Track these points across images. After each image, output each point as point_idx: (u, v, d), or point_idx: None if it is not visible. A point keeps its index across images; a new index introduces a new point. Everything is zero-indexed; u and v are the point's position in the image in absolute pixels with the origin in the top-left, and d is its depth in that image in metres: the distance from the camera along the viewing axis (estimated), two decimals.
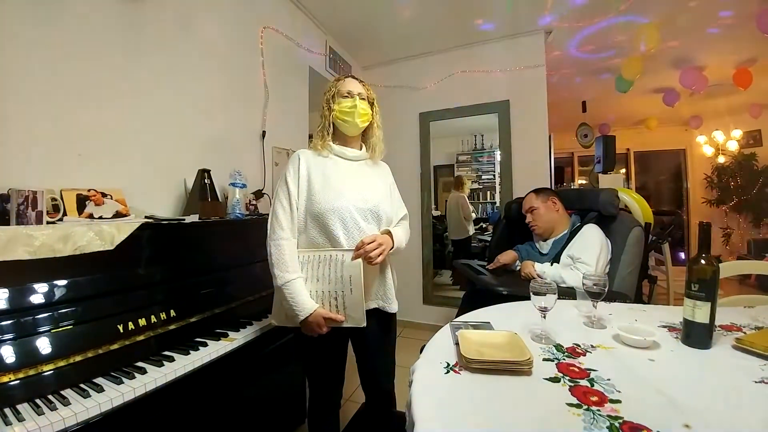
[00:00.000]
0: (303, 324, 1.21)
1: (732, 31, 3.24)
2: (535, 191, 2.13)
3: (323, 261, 1.23)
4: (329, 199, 1.26)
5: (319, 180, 1.29)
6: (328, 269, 1.23)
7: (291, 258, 1.22)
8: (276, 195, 1.30)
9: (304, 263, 1.24)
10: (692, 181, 6.48)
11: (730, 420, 0.69)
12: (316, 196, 1.26)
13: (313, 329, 1.21)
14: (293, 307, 1.19)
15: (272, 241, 1.23)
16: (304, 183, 1.29)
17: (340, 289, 1.22)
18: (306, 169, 1.30)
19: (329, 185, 1.28)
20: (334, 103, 1.36)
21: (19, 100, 1.20)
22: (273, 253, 1.22)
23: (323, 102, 1.38)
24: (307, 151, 1.36)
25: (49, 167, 1.27)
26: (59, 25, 1.31)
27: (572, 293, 1.60)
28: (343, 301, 1.23)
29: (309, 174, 1.30)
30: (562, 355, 0.96)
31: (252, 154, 2.31)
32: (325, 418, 1.42)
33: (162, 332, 1.18)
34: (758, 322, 1.20)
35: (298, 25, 2.78)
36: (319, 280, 1.23)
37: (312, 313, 1.19)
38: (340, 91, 1.37)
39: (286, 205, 1.26)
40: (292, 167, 1.31)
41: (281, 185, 1.30)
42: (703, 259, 1.01)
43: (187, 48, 1.83)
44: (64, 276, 1.02)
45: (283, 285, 1.19)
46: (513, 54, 3.31)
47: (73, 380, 0.93)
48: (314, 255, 1.24)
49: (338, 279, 1.22)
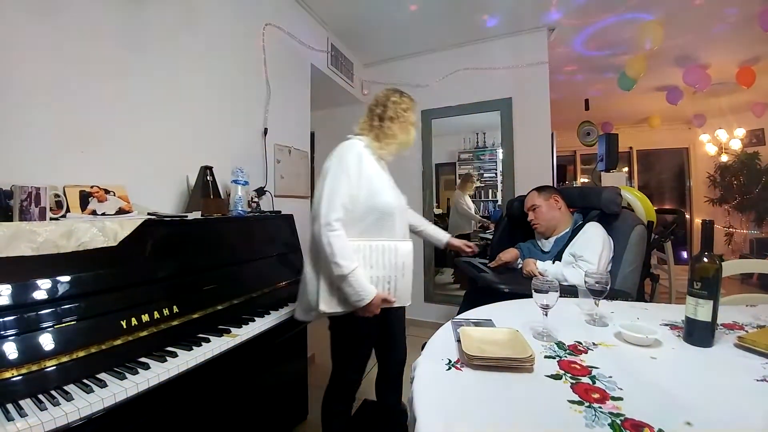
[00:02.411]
0: (365, 307, 1.31)
1: (736, 30, 3.23)
2: (537, 189, 2.13)
3: (375, 249, 1.36)
4: (394, 198, 1.43)
5: (379, 180, 1.42)
6: (382, 256, 1.37)
7: (349, 247, 1.31)
8: (332, 185, 1.33)
9: (356, 251, 1.33)
10: (695, 179, 6.46)
11: (731, 418, 0.69)
12: (382, 195, 1.39)
13: (372, 311, 1.33)
14: (358, 293, 1.29)
15: (331, 232, 1.28)
16: (365, 180, 1.37)
17: (394, 274, 1.39)
18: (367, 165, 1.39)
19: (389, 185, 1.45)
20: (406, 130, 1.50)
21: (22, 97, 1.20)
22: (334, 244, 1.27)
23: (392, 112, 1.47)
24: (366, 148, 1.44)
25: (53, 164, 1.27)
26: (62, 21, 1.31)
27: (574, 291, 1.60)
28: (395, 284, 1.39)
29: (369, 171, 1.39)
30: (564, 353, 0.96)
31: (254, 151, 2.31)
32: (347, 403, 1.52)
33: (165, 328, 1.18)
34: (760, 320, 1.20)
35: (300, 22, 2.78)
36: (372, 267, 1.36)
37: (375, 296, 1.31)
38: (412, 122, 1.53)
39: (346, 200, 1.32)
40: (355, 161, 1.37)
41: (342, 177, 1.34)
42: (705, 257, 1.01)
43: (189, 45, 1.83)
44: (67, 272, 1.02)
45: (350, 273, 1.27)
46: (516, 51, 3.30)
47: (76, 376, 0.93)
48: (365, 244, 1.36)
49: (393, 265, 1.38)
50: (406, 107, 1.51)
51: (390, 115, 1.47)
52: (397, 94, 1.52)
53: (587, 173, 7.24)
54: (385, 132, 1.46)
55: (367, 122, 1.51)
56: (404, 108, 1.50)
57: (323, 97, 3.52)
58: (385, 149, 1.47)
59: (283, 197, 2.50)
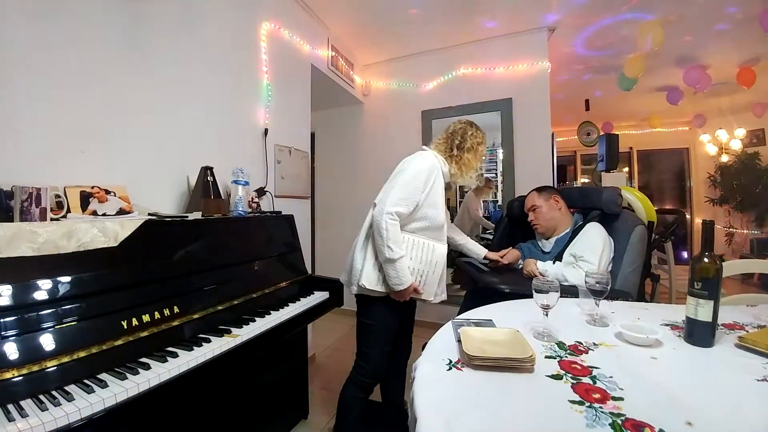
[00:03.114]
0: (399, 291, 1.48)
1: (736, 30, 3.23)
2: (537, 190, 2.13)
3: (416, 245, 1.55)
4: (444, 216, 1.60)
5: (438, 197, 1.58)
6: (421, 252, 1.55)
7: (401, 237, 1.49)
8: (403, 185, 1.51)
9: (403, 243, 1.51)
10: (695, 180, 6.46)
11: (732, 418, 0.69)
12: (436, 209, 1.56)
13: (404, 297, 1.51)
14: (400, 278, 1.45)
15: (391, 219, 1.45)
16: (429, 192, 1.54)
17: (427, 269, 1.56)
18: (435, 182, 1.57)
19: (443, 204, 1.61)
20: (478, 161, 1.67)
21: (22, 97, 1.20)
22: (390, 230, 1.44)
23: (469, 144, 1.64)
24: (441, 167, 1.62)
25: (53, 164, 1.27)
26: (62, 21, 1.31)
27: (574, 291, 1.60)
28: (425, 278, 1.56)
29: (435, 187, 1.57)
30: (565, 353, 0.96)
31: (254, 151, 2.31)
32: (365, 391, 1.62)
33: (165, 328, 1.18)
34: (761, 320, 1.20)
35: (301, 22, 2.78)
36: (412, 259, 1.53)
37: (410, 285, 1.48)
38: (483, 155, 1.69)
39: (412, 203, 1.50)
40: (427, 174, 1.55)
41: (412, 182, 1.52)
42: (706, 257, 1.01)
43: (189, 44, 1.83)
44: (67, 272, 1.02)
45: (398, 259, 1.44)
46: (516, 52, 3.30)
47: (77, 376, 0.93)
48: (410, 238, 1.54)
49: (428, 261, 1.56)
50: (479, 141, 1.67)
51: (468, 147, 1.64)
52: (473, 128, 1.69)
53: (587, 173, 7.24)
54: (463, 162, 1.63)
55: (445, 150, 1.67)
56: (479, 141, 1.67)
57: (323, 97, 3.52)
58: (460, 178, 1.65)
59: (283, 198, 2.50)
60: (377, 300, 1.56)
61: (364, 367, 1.60)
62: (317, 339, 3.11)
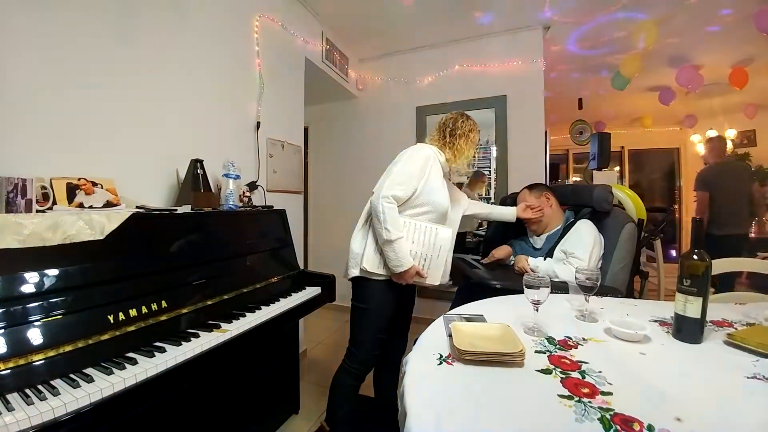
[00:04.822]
0: (400, 274, 1.50)
1: (730, 30, 3.25)
2: (528, 187, 2.14)
3: (419, 229, 1.56)
4: (445, 199, 1.63)
5: (436, 181, 1.61)
6: (423, 236, 1.56)
7: (398, 219, 1.52)
8: (398, 172, 1.56)
9: (402, 226, 1.53)
10: (686, 179, 6.53)
11: (721, 414, 0.70)
12: (436, 194, 1.59)
13: (405, 279, 1.53)
14: (399, 259, 1.48)
15: (386, 203, 1.48)
16: (426, 178, 1.58)
17: (430, 253, 1.57)
18: (431, 168, 1.61)
19: (444, 188, 1.64)
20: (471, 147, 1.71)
21: (9, 87, 1.17)
22: (386, 212, 1.47)
23: (460, 131, 1.69)
24: (435, 155, 1.67)
25: (39, 155, 1.25)
26: (50, 11, 1.28)
27: (565, 287, 1.61)
28: (429, 263, 1.58)
29: (432, 172, 1.61)
30: (554, 348, 0.96)
31: (246, 145, 2.28)
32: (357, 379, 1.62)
33: (153, 323, 1.16)
34: (750, 318, 1.21)
35: (294, 15, 2.75)
36: (414, 243, 1.55)
37: (411, 267, 1.50)
38: (475, 141, 1.73)
39: (408, 187, 1.54)
40: (422, 161, 1.59)
41: (406, 169, 1.57)
42: (695, 254, 1.02)
43: (180, 35, 1.80)
44: (53, 265, 1.00)
45: (395, 240, 1.47)
46: (511, 49, 3.30)
47: (63, 370, 0.91)
48: (412, 222, 1.56)
49: (431, 245, 1.57)
50: (470, 128, 1.72)
51: (459, 133, 1.68)
52: (464, 117, 1.74)
53: (579, 172, 7.29)
54: (456, 147, 1.67)
55: (438, 138, 1.73)
56: (470, 128, 1.72)
57: (317, 91, 3.50)
58: (455, 163, 1.69)
59: (275, 192, 2.48)
60: (374, 283, 1.57)
61: (355, 353, 1.61)
62: (309, 334, 3.11)
